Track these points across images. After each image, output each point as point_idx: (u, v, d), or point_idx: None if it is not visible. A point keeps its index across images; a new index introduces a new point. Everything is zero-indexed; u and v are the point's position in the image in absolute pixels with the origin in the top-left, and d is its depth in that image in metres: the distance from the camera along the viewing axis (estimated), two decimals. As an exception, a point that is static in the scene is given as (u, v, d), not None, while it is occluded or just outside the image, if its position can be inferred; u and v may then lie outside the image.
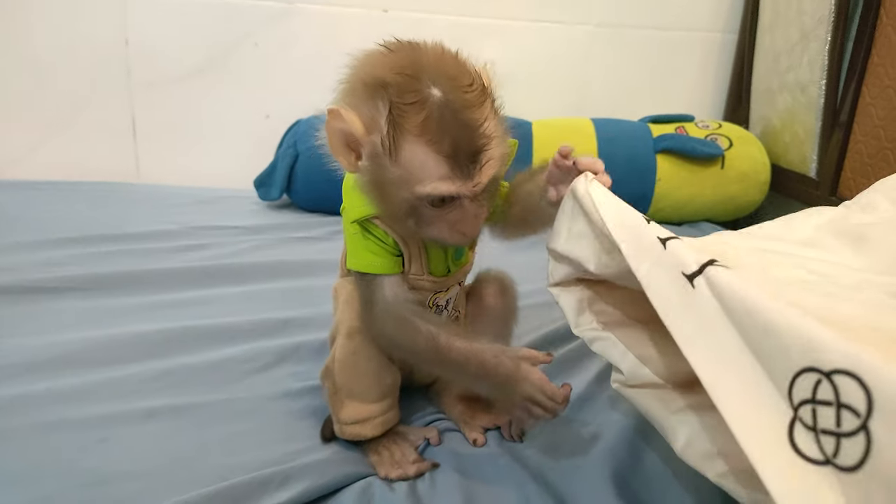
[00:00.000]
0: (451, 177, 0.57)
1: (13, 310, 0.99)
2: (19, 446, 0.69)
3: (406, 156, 0.56)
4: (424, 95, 0.55)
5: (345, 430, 0.70)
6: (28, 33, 1.59)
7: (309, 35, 1.67)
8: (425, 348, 0.63)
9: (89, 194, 1.56)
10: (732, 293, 0.41)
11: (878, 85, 1.28)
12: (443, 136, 0.55)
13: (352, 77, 0.60)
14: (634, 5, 1.75)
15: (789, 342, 0.37)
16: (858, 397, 0.33)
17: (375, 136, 0.57)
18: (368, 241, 0.66)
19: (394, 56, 0.58)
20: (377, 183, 0.59)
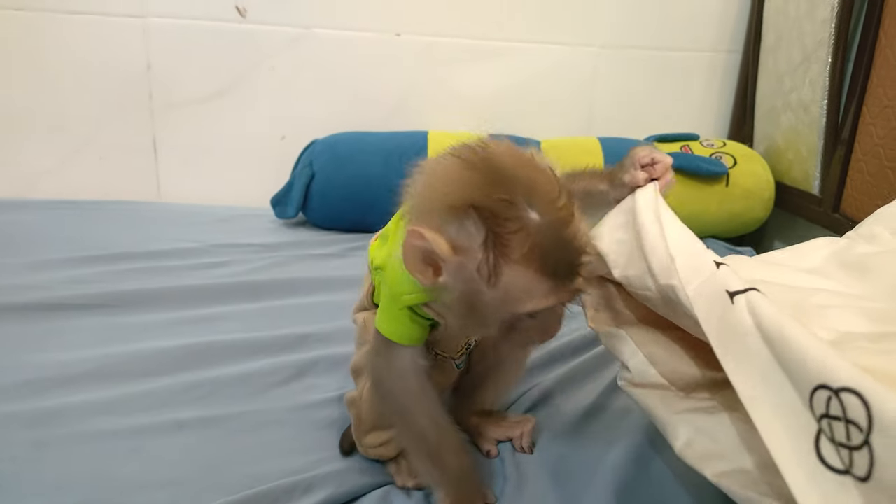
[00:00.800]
0: (553, 292, 0.54)
1: (43, 326, 1.03)
2: (55, 456, 0.73)
3: (508, 281, 0.53)
4: (525, 222, 0.52)
5: (369, 452, 0.73)
6: (54, 58, 1.65)
7: (323, 59, 1.72)
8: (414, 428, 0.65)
9: (112, 213, 1.61)
10: (766, 313, 0.45)
11: (878, 105, 1.31)
12: (547, 260, 0.52)
13: (428, 195, 0.56)
14: (639, 26, 1.79)
15: (808, 360, 0.40)
16: (861, 413, 0.36)
17: (468, 259, 0.53)
18: (406, 315, 0.63)
19: (477, 173, 0.53)
20: (467, 301, 0.55)
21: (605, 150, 1.59)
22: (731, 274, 0.50)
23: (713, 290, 0.50)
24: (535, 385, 0.91)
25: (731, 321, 0.47)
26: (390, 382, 0.65)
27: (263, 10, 1.67)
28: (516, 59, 1.77)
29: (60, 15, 1.61)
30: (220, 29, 1.67)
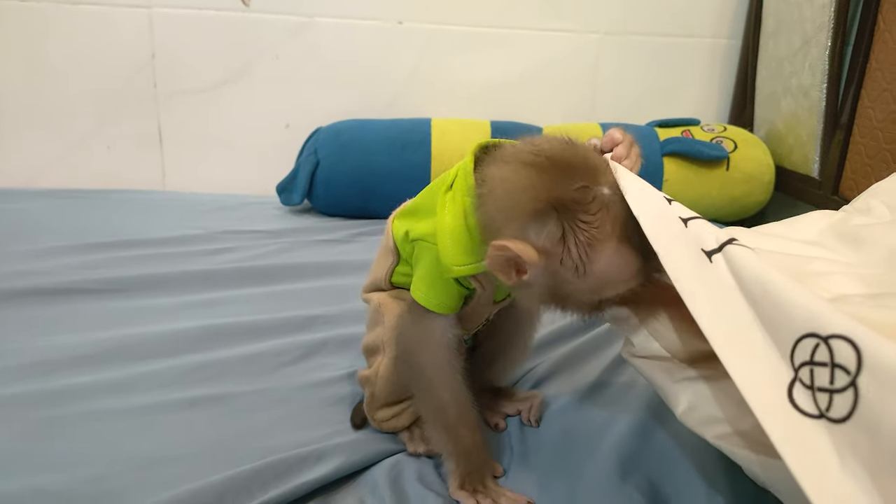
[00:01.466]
0: (641, 271, 0.56)
1: (53, 310, 1.05)
2: (69, 432, 0.75)
3: (601, 266, 0.55)
4: (604, 200, 0.54)
5: (382, 426, 0.75)
6: (58, 47, 1.66)
7: (327, 47, 1.73)
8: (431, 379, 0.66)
9: (118, 202, 1.62)
10: (750, 269, 0.46)
11: (877, 89, 1.32)
12: (632, 232, 0.54)
13: (506, 205, 0.56)
14: (641, 14, 1.80)
15: (795, 312, 0.42)
16: (850, 358, 0.38)
17: (556, 255, 0.55)
18: (447, 284, 0.65)
19: (545, 175, 0.55)
20: (554, 293, 0.58)
21: (607, 135, 1.61)
22: (704, 229, 0.51)
23: (686, 248, 0.50)
24: (541, 362, 0.93)
25: (709, 281, 0.48)
26: (422, 354, 0.67)
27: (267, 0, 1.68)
28: (519, 47, 1.78)
29: (66, 5, 1.63)
30: (224, 18, 1.68)
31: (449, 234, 0.61)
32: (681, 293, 0.49)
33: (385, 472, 0.69)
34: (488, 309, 0.72)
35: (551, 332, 0.99)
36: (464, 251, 0.61)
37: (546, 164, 0.55)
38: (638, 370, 0.66)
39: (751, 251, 0.47)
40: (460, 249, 0.61)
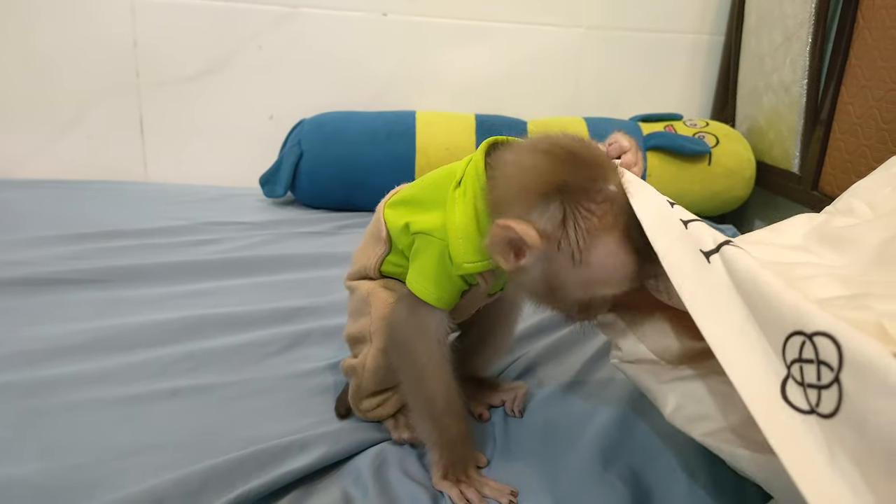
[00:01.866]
0: (636, 274, 0.57)
1: (35, 300, 1.04)
2: (53, 422, 0.75)
3: (598, 256, 0.55)
4: (608, 194, 0.55)
5: (367, 415, 0.76)
6: (38, 36, 1.64)
7: (311, 38, 1.72)
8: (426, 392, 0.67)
9: (99, 192, 1.60)
10: (744, 269, 0.47)
11: (856, 85, 1.34)
12: (633, 232, 0.55)
13: (514, 187, 0.58)
14: (624, 9, 1.81)
15: (784, 311, 0.43)
16: (833, 354, 0.39)
17: (555, 241, 0.55)
18: (450, 279, 0.65)
19: (557, 162, 0.56)
20: (549, 282, 0.58)
21: (591, 129, 1.62)
22: (703, 231, 0.52)
23: (685, 249, 0.51)
24: (523, 354, 0.94)
25: (707, 280, 0.49)
26: (415, 346, 0.67)
27: (250, -11, 1.67)
28: (503, 40, 1.78)
29: (47, -8, 1.61)
30: (208, 7, 1.67)
31: (461, 232, 0.62)
32: (679, 291, 0.50)
33: (369, 462, 0.69)
34: (481, 301, 0.73)
35: (535, 324, 1.00)
36: (475, 249, 0.62)
37: (561, 154, 0.56)
38: (626, 375, 0.67)
39: (745, 252, 0.48)
40: (471, 247, 0.62)
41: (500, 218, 0.56)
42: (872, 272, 0.59)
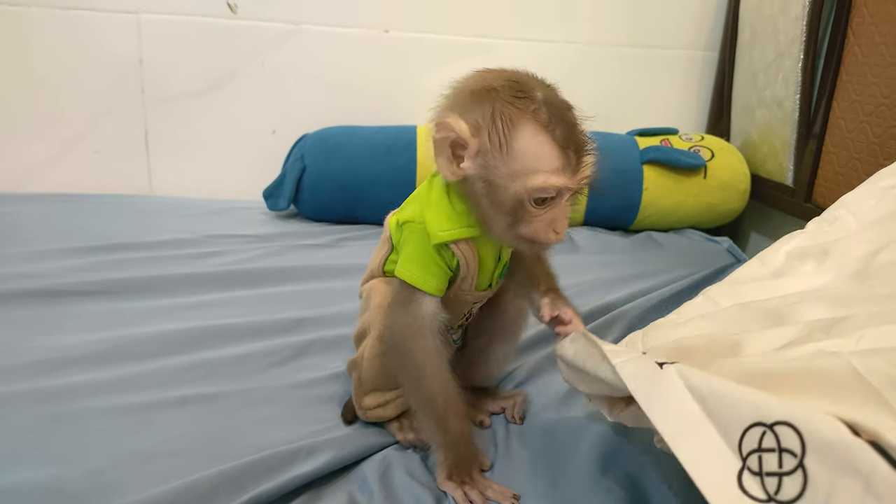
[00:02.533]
0: (561, 170, 0.60)
1: (46, 311, 1.06)
2: (68, 429, 0.77)
3: (520, 146, 0.60)
4: (532, 94, 0.61)
5: (368, 414, 0.78)
6: (47, 53, 1.67)
7: (313, 54, 1.76)
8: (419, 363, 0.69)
9: (106, 206, 1.63)
10: (696, 375, 0.50)
11: (847, 100, 1.37)
12: (555, 125, 0.60)
13: (453, 94, 0.65)
14: (620, 25, 1.85)
15: (740, 405, 0.45)
16: (794, 441, 0.41)
17: (484, 135, 0.61)
18: (432, 260, 0.69)
19: (493, 72, 0.65)
20: (486, 179, 0.62)
21: (588, 143, 1.64)
22: (657, 355, 0.56)
23: (641, 362, 0.55)
24: (523, 363, 0.96)
25: (660, 382, 0.52)
26: (411, 341, 0.69)
27: (254, 6, 1.71)
28: (500, 55, 1.79)
29: (56, 10, 1.64)
30: (212, 24, 1.70)
31: (434, 206, 0.68)
32: (634, 395, 0.53)
33: (374, 467, 0.71)
34: (471, 297, 0.75)
35: (534, 335, 1.03)
36: (447, 217, 0.67)
37: (496, 69, 0.65)
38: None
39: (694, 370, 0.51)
40: (444, 216, 0.68)
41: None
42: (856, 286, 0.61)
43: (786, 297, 0.64)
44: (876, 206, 0.75)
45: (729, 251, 1.51)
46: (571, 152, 0.61)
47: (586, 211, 1.64)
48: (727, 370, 0.51)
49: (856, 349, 0.46)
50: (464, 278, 0.71)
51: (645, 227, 1.68)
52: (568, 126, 0.61)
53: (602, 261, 1.46)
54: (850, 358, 0.44)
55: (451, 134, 0.62)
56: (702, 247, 1.57)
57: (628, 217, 1.65)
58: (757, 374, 0.49)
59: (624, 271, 1.37)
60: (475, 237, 0.69)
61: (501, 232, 0.65)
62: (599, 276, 1.33)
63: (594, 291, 1.25)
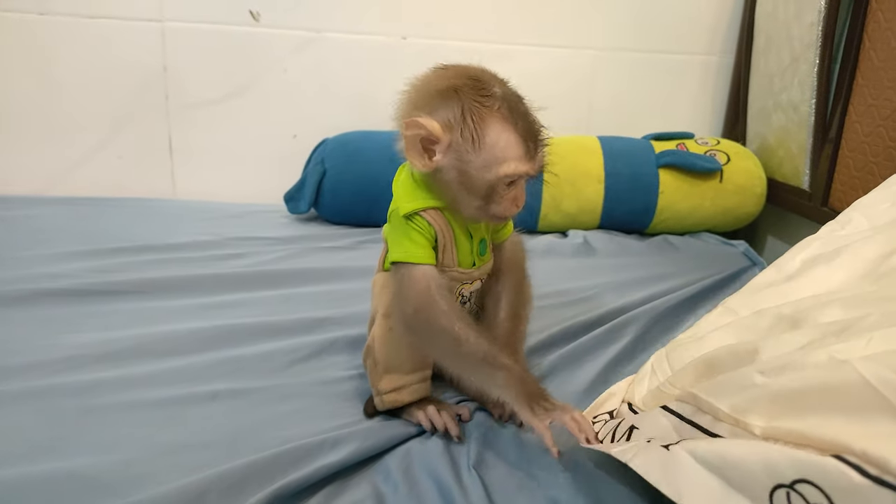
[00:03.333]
0: (524, 157, 0.70)
1: (75, 310, 1.10)
2: (99, 421, 0.79)
3: (490, 140, 0.69)
4: (493, 92, 0.70)
5: (384, 399, 0.80)
6: (72, 60, 1.72)
7: (334, 61, 1.79)
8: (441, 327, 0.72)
9: (130, 209, 1.67)
10: (702, 447, 0.51)
11: (863, 104, 1.38)
12: (517, 120, 0.69)
13: (416, 93, 0.73)
14: (636, 31, 1.87)
15: (755, 470, 0.46)
16: (818, 497, 0.42)
17: (456, 132, 0.69)
18: (412, 232, 0.75)
19: (450, 71, 0.72)
20: (460, 170, 0.71)
21: (604, 148, 1.66)
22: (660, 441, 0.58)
23: (647, 453, 0.57)
24: (534, 365, 0.98)
25: (674, 468, 0.53)
26: (421, 309, 0.73)
27: (276, 15, 1.74)
28: (518, 62, 1.84)
29: (82, 19, 1.68)
30: (235, 32, 1.74)
31: (402, 189, 0.78)
32: (658, 487, 0.54)
33: (398, 460, 0.73)
34: (458, 275, 0.79)
35: (545, 338, 1.05)
36: (412, 193, 0.76)
37: (451, 68, 0.73)
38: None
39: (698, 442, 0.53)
40: (410, 194, 0.76)
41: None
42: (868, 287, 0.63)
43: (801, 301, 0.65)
44: (889, 210, 0.76)
45: (745, 255, 1.52)
46: (531, 142, 0.71)
47: (602, 214, 1.65)
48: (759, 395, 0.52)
49: (865, 353, 0.47)
50: (444, 249, 0.77)
51: (661, 231, 1.69)
52: (526, 119, 0.71)
53: (618, 264, 1.47)
54: (859, 366, 0.45)
55: (421, 131, 0.69)
56: (718, 250, 1.58)
57: (644, 220, 1.67)
58: (784, 399, 0.50)
59: (640, 274, 1.38)
60: (442, 209, 0.76)
61: (474, 211, 0.74)
62: (615, 279, 1.35)
63: (609, 294, 1.26)
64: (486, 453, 0.75)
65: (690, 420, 0.59)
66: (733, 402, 0.54)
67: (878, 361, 0.45)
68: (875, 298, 0.58)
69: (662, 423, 0.62)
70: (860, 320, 0.54)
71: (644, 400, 0.73)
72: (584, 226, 1.68)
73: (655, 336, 1.10)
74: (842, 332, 0.56)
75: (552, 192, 1.61)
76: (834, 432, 0.44)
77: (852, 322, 0.56)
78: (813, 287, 0.70)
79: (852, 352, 0.48)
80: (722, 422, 0.55)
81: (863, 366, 0.46)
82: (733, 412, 0.54)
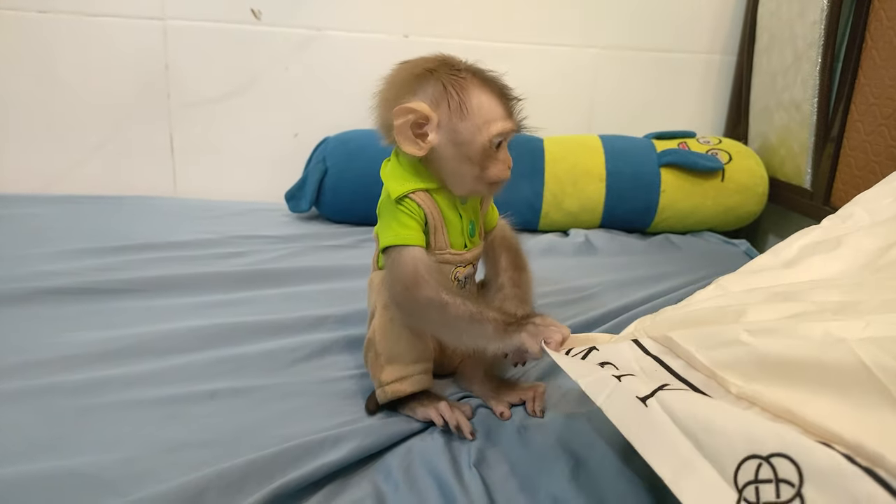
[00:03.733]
0: (506, 116, 0.76)
1: (77, 308, 1.10)
2: (101, 419, 0.79)
3: (475, 105, 0.74)
4: (463, 66, 0.76)
5: (386, 390, 0.80)
6: (74, 58, 1.72)
7: (335, 59, 1.79)
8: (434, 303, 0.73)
9: (131, 207, 1.67)
10: (682, 409, 0.51)
11: (865, 103, 1.38)
12: (492, 85, 0.76)
13: (392, 86, 0.78)
14: (638, 29, 1.87)
15: (733, 438, 0.46)
16: (791, 472, 0.42)
17: (443, 106, 0.74)
18: (401, 215, 0.78)
19: (417, 61, 0.78)
20: (455, 142, 0.75)
21: (606, 146, 1.66)
22: (635, 381, 0.57)
23: (623, 399, 0.56)
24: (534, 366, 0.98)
25: (649, 422, 0.53)
26: (412, 289, 0.75)
27: (277, 13, 1.74)
28: (520, 60, 1.83)
29: (84, 17, 1.68)
30: (236, 31, 1.74)
31: (390, 175, 0.82)
32: (627, 437, 0.54)
33: (399, 459, 0.73)
34: (451, 257, 0.82)
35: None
36: (401, 177, 0.80)
37: (416, 59, 0.78)
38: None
39: (679, 393, 0.52)
40: (399, 178, 0.80)
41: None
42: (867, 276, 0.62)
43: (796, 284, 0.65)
44: (891, 205, 0.76)
45: (746, 254, 1.52)
46: (508, 101, 0.77)
47: (604, 213, 1.65)
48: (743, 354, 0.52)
49: (863, 335, 0.47)
50: (435, 230, 0.80)
51: (663, 230, 1.69)
52: (497, 82, 0.77)
53: (620, 262, 1.47)
54: (857, 347, 0.45)
55: (410, 116, 0.73)
56: (719, 249, 1.57)
57: (646, 219, 1.67)
58: (771, 364, 0.49)
59: (641, 273, 1.38)
60: (431, 191, 0.79)
61: (472, 182, 0.78)
62: (617, 278, 1.35)
63: (611, 292, 1.26)
64: (487, 452, 0.75)
65: (658, 357, 0.59)
66: (713, 356, 0.54)
67: (879, 346, 0.45)
68: (873, 287, 0.58)
69: (624, 353, 0.62)
70: (858, 304, 0.54)
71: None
72: (585, 225, 1.68)
73: (657, 335, 1.10)
74: (839, 311, 0.55)
75: (553, 190, 1.61)
76: (822, 413, 0.44)
77: (850, 304, 0.55)
78: (809, 273, 0.70)
79: (850, 332, 0.48)
80: (696, 370, 0.54)
81: (861, 347, 0.45)
82: (712, 364, 0.54)
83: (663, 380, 0.56)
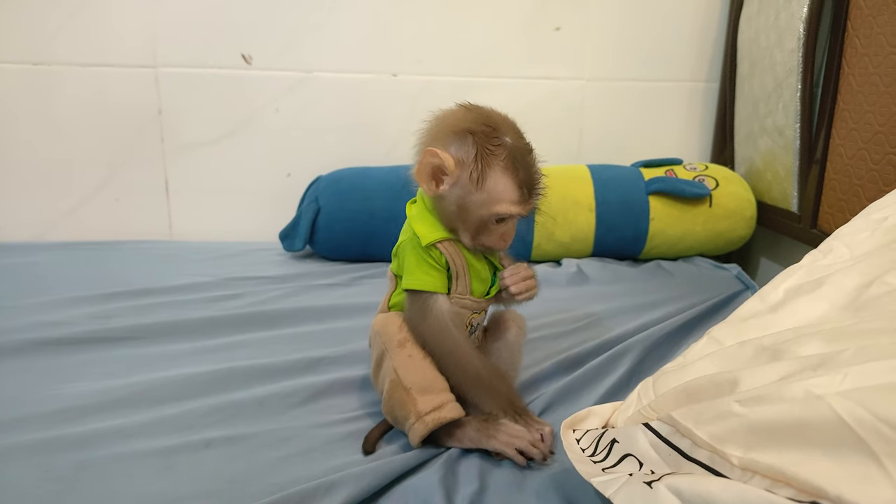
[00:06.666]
0: (518, 202, 0.80)
1: (74, 359, 1.10)
2: (97, 474, 0.80)
3: (490, 184, 0.79)
4: (503, 142, 0.79)
5: (426, 420, 0.80)
6: (69, 107, 1.75)
7: (325, 100, 1.82)
8: (451, 350, 0.82)
9: (127, 252, 1.69)
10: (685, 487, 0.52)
11: (845, 127, 1.40)
12: (517, 171, 0.79)
13: (438, 127, 0.82)
14: (622, 60, 1.90)
15: None
16: None
17: (465, 170, 0.78)
18: (427, 262, 0.83)
19: (472, 113, 0.81)
20: (460, 203, 0.80)
21: (594, 176, 1.68)
22: (641, 475, 0.59)
23: (629, 488, 0.58)
24: (540, 394, 0.99)
25: (654, 499, 0.54)
26: (432, 331, 0.83)
27: (267, 57, 1.78)
28: (508, 94, 1.86)
29: (77, 68, 1.72)
30: (228, 75, 1.77)
31: (419, 219, 0.86)
32: None
33: (393, 501, 0.74)
34: (469, 302, 0.86)
35: (550, 366, 1.07)
36: (431, 225, 0.84)
37: (472, 108, 0.82)
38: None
39: (685, 478, 0.53)
40: (428, 225, 0.84)
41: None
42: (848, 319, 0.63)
43: (782, 333, 0.66)
44: (868, 239, 0.78)
45: (737, 278, 1.53)
46: (526, 189, 0.80)
47: (595, 242, 1.67)
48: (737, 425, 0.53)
49: (840, 388, 0.48)
50: (457, 277, 0.85)
51: (654, 257, 1.71)
52: (527, 169, 0.80)
53: (612, 291, 1.48)
54: (834, 403, 0.46)
55: (437, 161, 0.78)
56: (711, 274, 1.59)
57: (636, 247, 1.68)
58: (762, 431, 0.50)
59: (634, 301, 1.39)
60: (455, 240, 0.85)
61: (467, 239, 0.84)
62: (610, 306, 1.36)
63: (605, 323, 1.27)
64: (482, 494, 0.76)
65: (668, 440, 0.60)
66: (711, 431, 0.55)
67: (853, 398, 0.46)
68: (853, 332, 0.59)
69: (641, 441, 0.63)
70: (837, 355, 0.55)
71: (626, 424, 0.73)
72: (577, 254, 1.69)
73: (651, 365, 1.10)
74: (819, 366, 0.56)
75: (545, 221, 1.63)
76: (810, 471, 0.45)
77: (830, 356, 0.57)
78: (795, 318, 0.71)
79: (828, 387, 0.49)
80: (700, 448, 0.56)
81: (837, 402, 0.46)
82: (711, 440, 0.55)
83: (677, 464, 0.58)
